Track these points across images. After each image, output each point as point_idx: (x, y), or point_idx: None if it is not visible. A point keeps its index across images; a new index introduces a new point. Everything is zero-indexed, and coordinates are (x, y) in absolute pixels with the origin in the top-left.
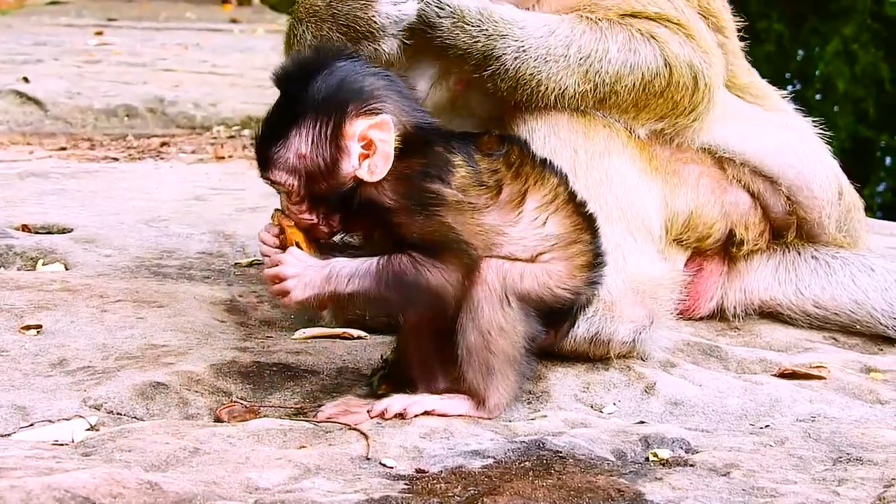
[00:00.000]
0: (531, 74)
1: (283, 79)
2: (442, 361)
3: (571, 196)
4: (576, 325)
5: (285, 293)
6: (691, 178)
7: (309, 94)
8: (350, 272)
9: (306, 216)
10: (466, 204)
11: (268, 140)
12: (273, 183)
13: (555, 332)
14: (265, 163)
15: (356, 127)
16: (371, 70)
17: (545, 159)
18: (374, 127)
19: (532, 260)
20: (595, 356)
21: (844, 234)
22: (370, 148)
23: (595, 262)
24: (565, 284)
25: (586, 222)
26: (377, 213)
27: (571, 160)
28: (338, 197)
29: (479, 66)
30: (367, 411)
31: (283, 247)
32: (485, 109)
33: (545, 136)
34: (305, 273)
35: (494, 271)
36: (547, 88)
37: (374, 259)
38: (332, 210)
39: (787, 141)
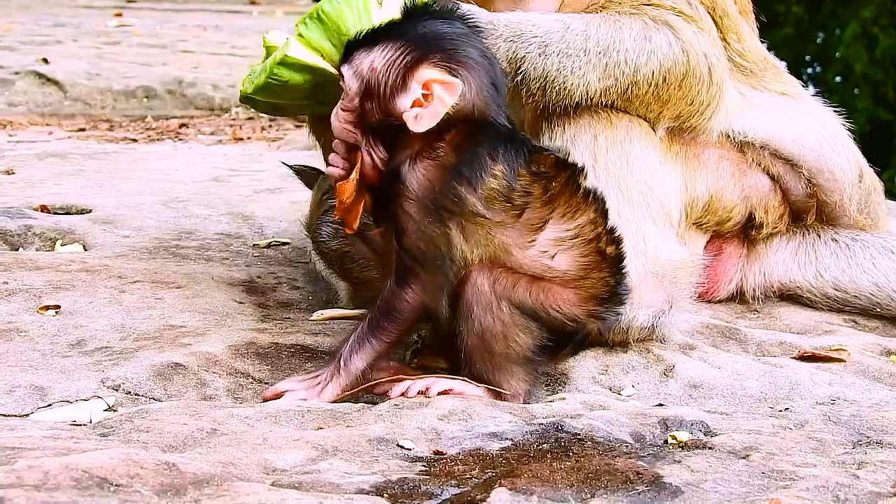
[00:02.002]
0: (557, 70)
1: (407, 8)
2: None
3: (600, 235)
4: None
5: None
6: (711, 163)
7: (416, 26)
8: (352, 348)
9: (350, 129)
10: (483, 218)
11: (361, 40)
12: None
13: (552, 355)
14: (345, 56)
15: (427, 73)
16: (479, 44)
17: (592, 192)
18: (441, 83)
19: (532, 277)
20: (614, 342)
21: (865, 215)
22: (428, 99)
23: (605, 297)
24: (560, 309)
25: (609, 261)
26: (398, 190)
27: (591, 145)
28: (381, 128)
29: (508, 74)
30: (387, 392)
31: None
32: None
33: (565, 122)
34: (319, 381)
35: (485, 275)
36: (572, 85)
37: (363, 323)
38: (376, 138)
39: (807, 126)
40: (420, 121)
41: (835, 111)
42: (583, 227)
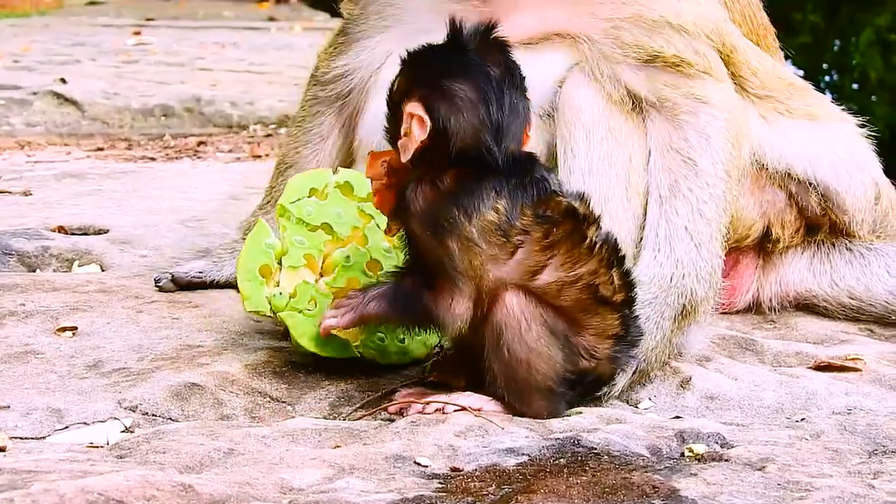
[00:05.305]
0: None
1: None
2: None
3: (596, 286)
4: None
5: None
6: None
7: (436, 56)
8: (373, 296)
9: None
10: (476, 246)
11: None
12: None
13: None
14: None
15: (410, 107)
16: (479, 79)
17: (598, 243)
18: (414, 117)
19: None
20: None
21: (879, 233)
22: (408, 132)
23: (618, 336)
24: (584, 336)
25: (610, 305)
26: (404, 208)
27: (626, 166)
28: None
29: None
30: (404, 410)
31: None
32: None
33: (602, 138)
34: (347, 304)
35: (517, 297)
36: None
37: (391, 285)
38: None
39: (822, 149)
40: (404, 150)
41: (857, 123)
42: (581, 276)
